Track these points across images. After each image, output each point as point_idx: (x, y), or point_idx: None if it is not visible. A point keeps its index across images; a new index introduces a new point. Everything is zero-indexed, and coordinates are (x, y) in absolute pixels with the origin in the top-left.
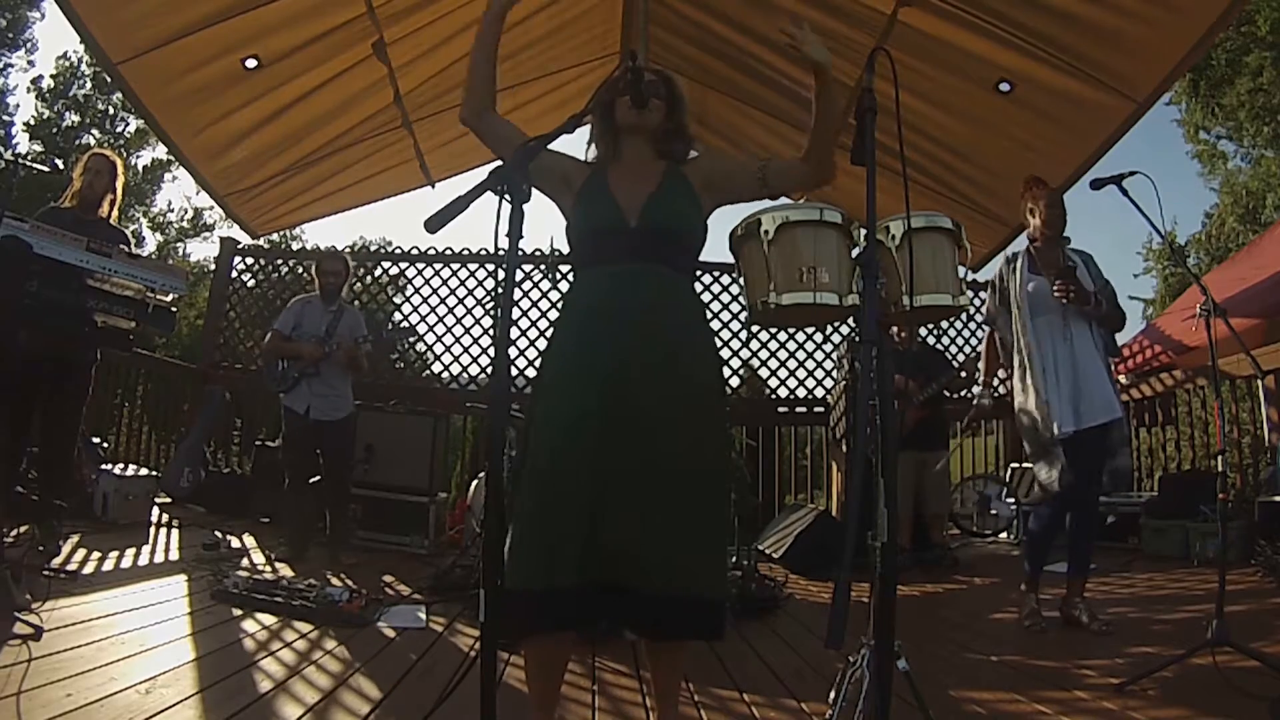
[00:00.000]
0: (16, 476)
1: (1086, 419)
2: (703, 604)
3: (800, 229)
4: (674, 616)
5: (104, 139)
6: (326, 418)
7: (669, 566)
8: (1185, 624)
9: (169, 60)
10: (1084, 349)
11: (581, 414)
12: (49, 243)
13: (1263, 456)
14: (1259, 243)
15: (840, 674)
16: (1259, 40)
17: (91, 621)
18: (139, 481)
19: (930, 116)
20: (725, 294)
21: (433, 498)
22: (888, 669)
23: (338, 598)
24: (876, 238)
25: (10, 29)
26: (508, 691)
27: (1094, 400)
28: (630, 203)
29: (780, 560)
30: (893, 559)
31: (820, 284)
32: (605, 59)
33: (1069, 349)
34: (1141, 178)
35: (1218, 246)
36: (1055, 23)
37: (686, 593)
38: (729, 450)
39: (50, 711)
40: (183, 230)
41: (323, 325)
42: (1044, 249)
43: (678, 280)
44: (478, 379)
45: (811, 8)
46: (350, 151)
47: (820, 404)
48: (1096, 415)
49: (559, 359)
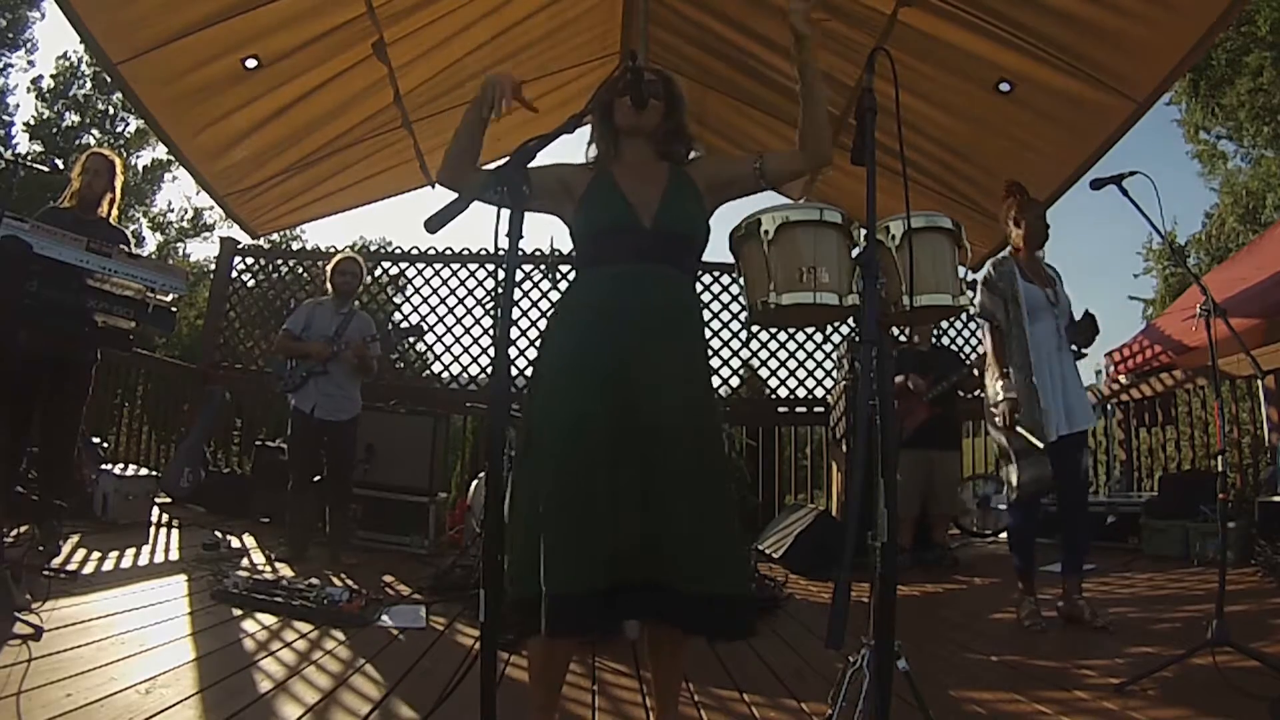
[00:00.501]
0: (16, 476)
1: (1074, 424)
2: (734, 601)
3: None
4: (708, 614)
5: (104, 139)
6: (332, 418)
7: (697, 564)
8: (1185, 624)
9: (169, 60)
10: (1068, 356)
11: (589, 415)
12: (49, 243)
13: (1263, 456)
14: (1259, 243)
15: (842, 674)
16: (1259, 40)
17: (91, 621)
18: (139, 481)
19: (930, 116)
20: (725, 294)
21: (433, 498)
22: (888, 669)
23: (338, 598)
24: (876, 238)
25: (10, 29)
26: (508, 691)
27: (1080, 407)
28: (642, 203)
29: (780, 560)
30: (893, 559)
31: (820, 284)
32: (605, 59)
33: (1060, 357)
34: (1141, 178)
35: (1218, 246)
36: (1055, 23)
37: (716, 590)
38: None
39: (50, 711)
40: (183, 230)
41: (332, 327)
42: (1027, 260)
43: (683, 281)
44: (478, 379)
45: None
46: (350, 151)
47: (820, 404)
48: (1081, 421)
49: (561, 358)
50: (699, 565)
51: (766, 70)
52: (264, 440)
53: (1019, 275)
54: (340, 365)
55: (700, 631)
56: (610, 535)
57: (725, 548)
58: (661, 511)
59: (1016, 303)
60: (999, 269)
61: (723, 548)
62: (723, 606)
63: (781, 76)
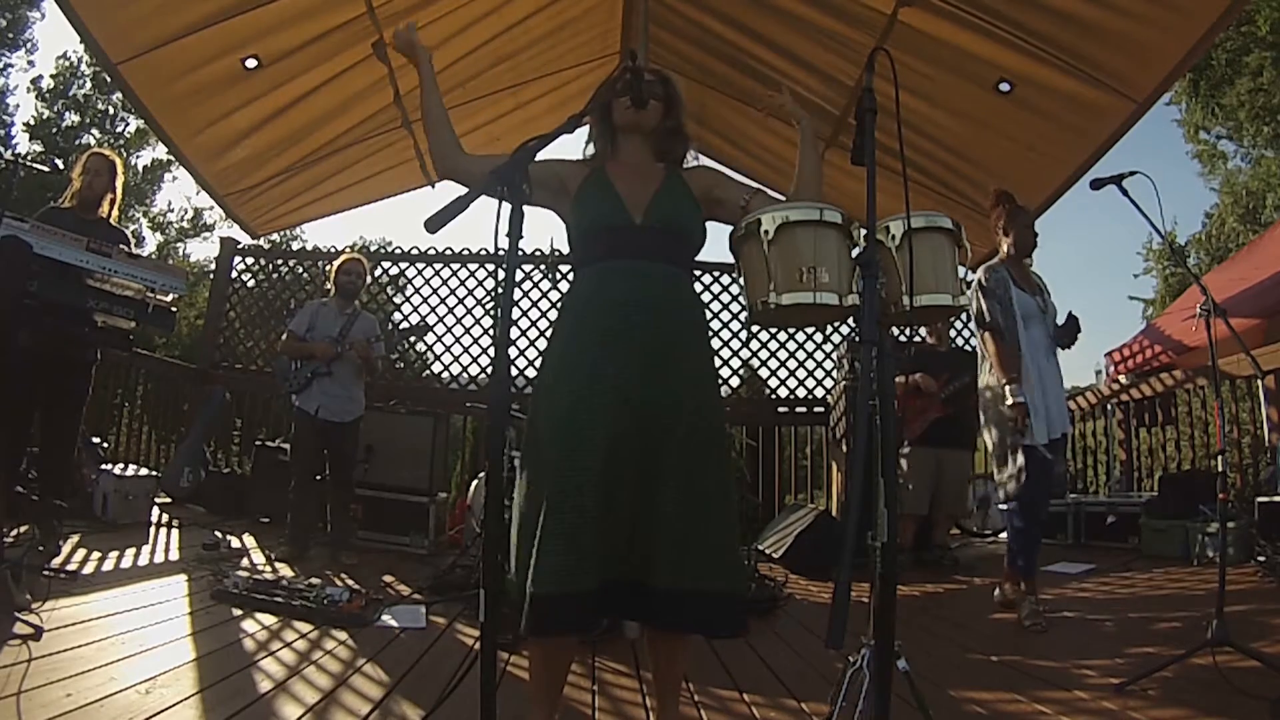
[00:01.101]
0: (16, 476)
1: (1053, 430)
2: (723, 598)
3: (800, 229)
4: (696, 610)
5: (104, 139)
6: (335, 419)
7: (688, 562)
8: (1185, 624)
9: (169, 60)
10: (1055, 363)
11: (591, 415)
12: (49, 243)
13: (1263, 456)
14: (1259, 243)
15: (842, 674)
16: (1259, 40)
17: (91, 621)
18: (139, 481)
19: (930, 116)
20: (725, 294)
21: (433, 498)
22: (888, 669)
23: (338, 598)
24: (876, 238)
25: (10, 29)
26: (508, 691)
27: (1060, 413)
28: (635, 200)
29: (780, 560)
30: (893, 559)
31: (820, 284)
32: (605, 59)
33: (1048, 363)
34: (1141, 178)
35: (1218, 246)
36: (1055, 23)
37: (706, 586)
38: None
39: (50, 711)
40: (183, 230)
41: (336, 327)
42: (1016, 268)
43: (680, 277)
44: (478, 379)
45: (811, 8)
46: (350, 151)
47: (820, 404)
48: (1060, 427)
49: (563, 358)
50: (689, 563)
51: (766, 70)
52: (264, 440)
53: (1011, 282)
54: (344, 366)
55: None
56: (603, 534)
57: (719, 544)
58: (660, 510)
59: (1010, 309)
60: (992, 276)
61: (717, 544)
62: (714, 603)
63: (781, 77)
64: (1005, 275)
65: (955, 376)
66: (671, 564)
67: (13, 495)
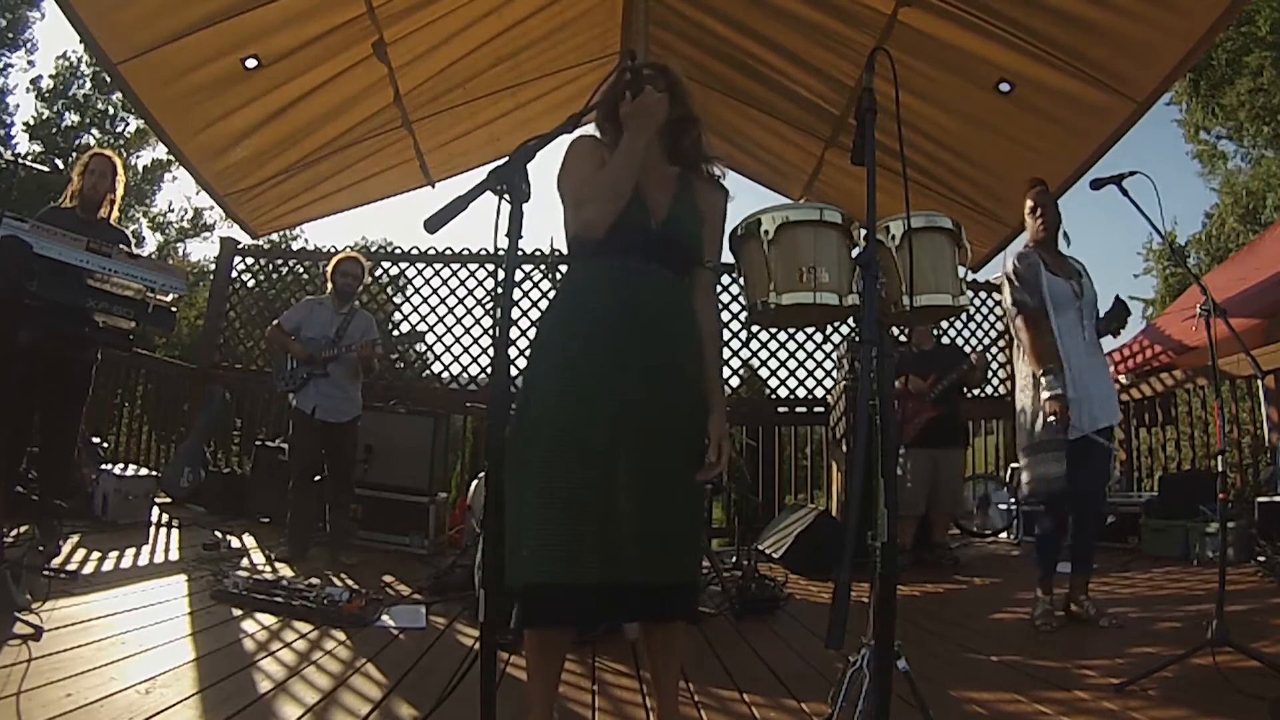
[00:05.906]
0: (16, 476)
1: (1096, 421)
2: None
3: (800, 229)
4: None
5: (104, 139)
6: (333, 419)
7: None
8: (1185, 624)
9: (169, 60)
10: (1095, 350)
11: (588, 412)
12: (49, 243)
13: (1263, 456)
14: (1259, 243)
15: (842, 674)
16: (1259, 40)
17: (91, 621)
18: (139, 481)
19: (930, 116)
20: (725, 294)
21: (433, 498)
22: (888, 669)
23: (338, 598)
24: (876, 238)
25: (10, 29)
26: (508, 691)
27: (1107, 403)
28: (654, 202)
29: (780, 560)
30: (893, 559)
31: (820, 284)
32: (605, 59)
33: (1085, 349)
34: (1141, 178)
35: (1218, 246)
36: (1055, 23)
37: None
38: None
39: (50, 711)
40: (183, 230)
41: (333, 327)
42: (1048, 251)
43: (679, 284)
44: (478, 379)
45: (811, 8)
46: (350, 151)
47: (820, 404)
48: (1104, 418)
49: (559, 351)
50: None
51: (766, 70)
52: (264, 440)
53: (1043, 268)
54: (341, 366)
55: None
56: (598, 529)
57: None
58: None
59: (1041, 296)
60: (1024, 261)
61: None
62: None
63: (781, 76)
64: (1037, 259)
65: (942, 374)
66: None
67: (13, 495)
